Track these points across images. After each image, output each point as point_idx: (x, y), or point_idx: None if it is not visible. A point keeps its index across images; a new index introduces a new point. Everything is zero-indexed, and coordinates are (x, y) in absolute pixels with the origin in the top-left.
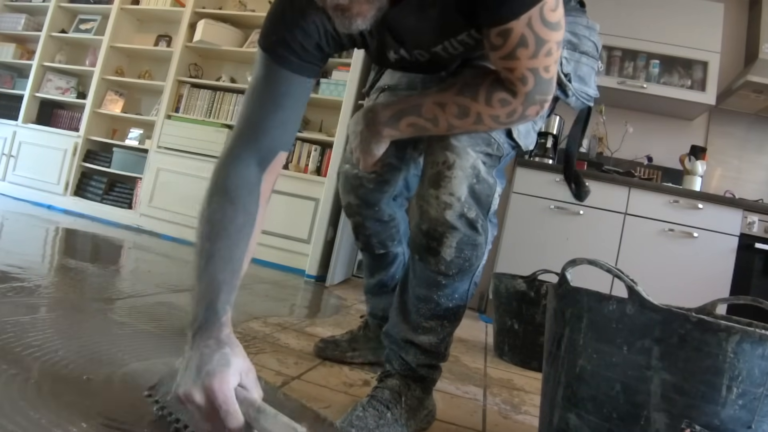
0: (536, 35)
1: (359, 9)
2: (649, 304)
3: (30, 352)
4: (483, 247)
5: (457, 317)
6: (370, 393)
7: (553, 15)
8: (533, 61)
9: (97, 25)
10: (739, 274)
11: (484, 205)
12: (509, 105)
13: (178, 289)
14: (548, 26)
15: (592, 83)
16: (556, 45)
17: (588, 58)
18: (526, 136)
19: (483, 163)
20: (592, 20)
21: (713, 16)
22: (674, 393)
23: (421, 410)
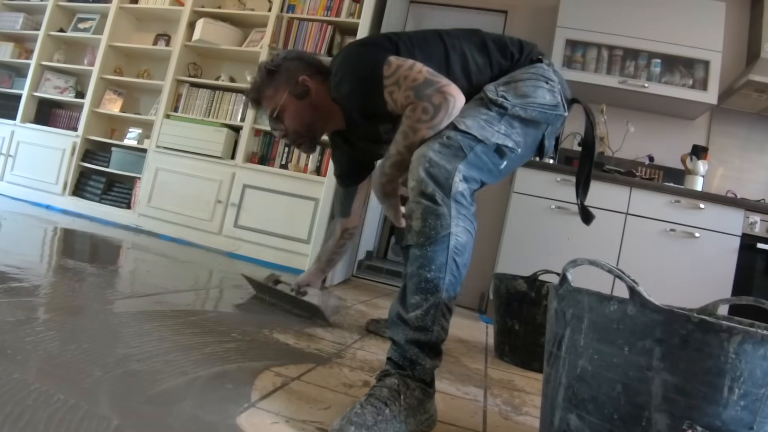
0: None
1: (298, 143)
2: (651, 305)
3: (29, 352)
4: (446, 218)
5: (437, 289)
6: (369, 391)
7: (389, 70)
8: (402, 88)
9: (96, 24)
10: (740, 275)
11: (443, 185)
12: (417, 107)
13: (177, 289)
14: (391, 76)
15: (542, 95)
16: (407, 71)
17: (525, 82)
18: (480, 129)
19: (437, 152)
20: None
21: (715, 15)
22: (676, 394)
23: (421, 412)
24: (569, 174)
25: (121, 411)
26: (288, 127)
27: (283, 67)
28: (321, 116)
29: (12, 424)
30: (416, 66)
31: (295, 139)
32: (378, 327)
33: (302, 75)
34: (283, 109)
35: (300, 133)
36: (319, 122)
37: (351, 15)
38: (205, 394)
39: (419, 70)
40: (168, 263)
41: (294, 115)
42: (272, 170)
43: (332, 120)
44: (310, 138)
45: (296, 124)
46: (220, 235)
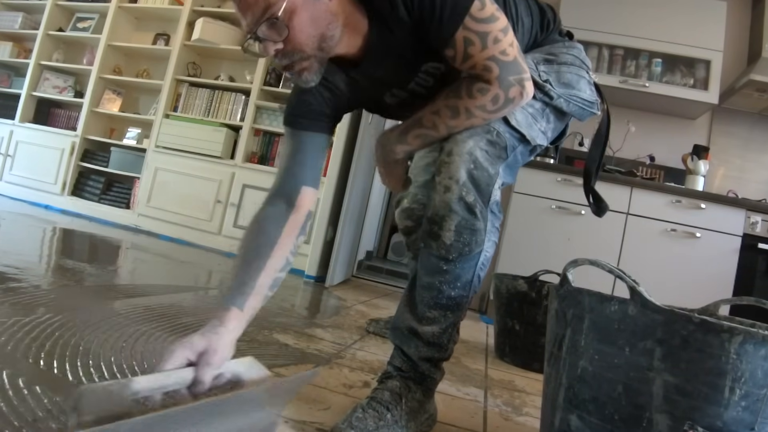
0: (476, 32)
1: (300, 67)
2: (652, 305)
3: (27, 352)
4: (482, 233)
5: (459, 307)
6: (370, 395)
7: (483, 12)
8: (486, 51)
9: (95, 23)
10: (742, 275)
11: (483, 193)
12: (489, 92)
13: (177, 289)
14: (483, 21)
15: (583, 88)
16: (500, 32)
17: (569, 66)
18: (528, 126)
19: (484, 151)
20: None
21: (716, 14)
22: (677, 394)
23: (422, 413)
24: (570, 174)
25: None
26: (294, 38)
27: None
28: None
29: (10, 425)
30: (510, 32)
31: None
32: (378, 328)
33: None
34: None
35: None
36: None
37: None
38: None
39: (511, 41)
40: (167, 263)
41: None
42: (272, 170)
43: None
44: (318, 59)
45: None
46: (219, 235)
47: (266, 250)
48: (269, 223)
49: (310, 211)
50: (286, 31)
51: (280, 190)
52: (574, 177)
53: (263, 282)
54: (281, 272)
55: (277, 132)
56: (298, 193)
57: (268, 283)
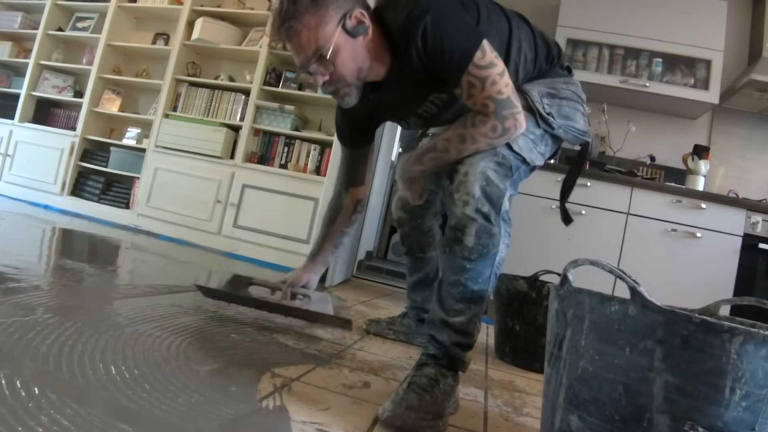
0: (478, 77)
1: (343, 92)
2: (652, 305)
3: (26, 352)
4: (497, 237)
5: (482, 299)
6: (409, 380)
7: (484, 60)
8: (484, 92)
9: (94, 23)
10: (742, 275)
11: (495, 204)
12: (488, 123)
13: (176, 290)
14: (483, 68)
15: (579, 120)
16: (497, 76)
17: (569, 101)
18: (528, 151)
19: (493, 171)
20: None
21: (716, 14)
22: (677, 395)
23: (452, 398)
24: None
25: (120, 412)
26: (338, 72)
27: None
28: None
29: (8, 425)
30: (505, 76)
31: (339, 88)
32: (379, 329)
33: (358, 8)
34: (336, 49)
35: (348, 80)
36: (370, 67)
37: None
38: (206, 397)
39: (506, 83)
40: (167, 263)
41: (349, 58)
42: (271, 170)
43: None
44: (356, 86)
45: (348, 69)
46: (219, 235)
47: (329, 226)
48: (331, 209)
49: (359, 200)
50: (332, 67)
51: (338, 188)
52: None
53: (327, 245)
54: (344, 236)
55: (277, 132)
56: (346, 192)
57: (330, 246)
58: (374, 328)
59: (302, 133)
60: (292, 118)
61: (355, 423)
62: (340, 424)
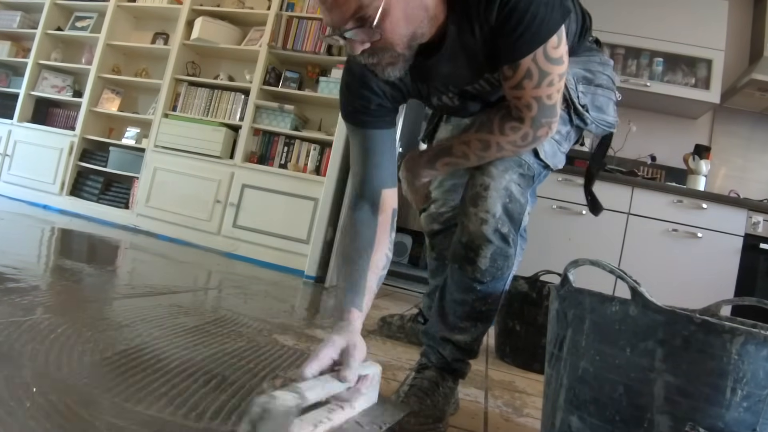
0: (540, 69)
1: (387, 61)
2: (653, 306)
3: (25, 352)
4: (513, 258)
5: (489, 319)
6: (409, 383)
7: (556, 51)
8: (537, 90)
9: (94, 22)
10: (743, 275)
11: (516, 222)
12: (520, 130)
13: (175, 290)
14: (551, 61)
15: (610, 111)
16: (558, 77)
17: (603, 90)
18: (553, 156)
19: (517, 184)
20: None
21: (717, 13)
22: (678, 395)
23: (452, 398)
24: (570, 174)
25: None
26: (385, 39)
27: None
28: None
29: (7, 425)
30: (563, 79)
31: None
32: (391, 332)
33: None
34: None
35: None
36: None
37: None
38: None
39: (560, 87)
40: (166, 263)
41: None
42: (271, 170)
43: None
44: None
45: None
46: (218, 235)
47: (367, 252)
48: (362, 227)
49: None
50: (378, 35)
51: (363, 194)
52: (575, 177)
53: (371, 281)
54: (383, 270)
55: (277, 132)
56: (379, 196)
57: (375, 281)
58: (386, 331)
59: (302, 132)
60: (291, 117)
61: None
62: None
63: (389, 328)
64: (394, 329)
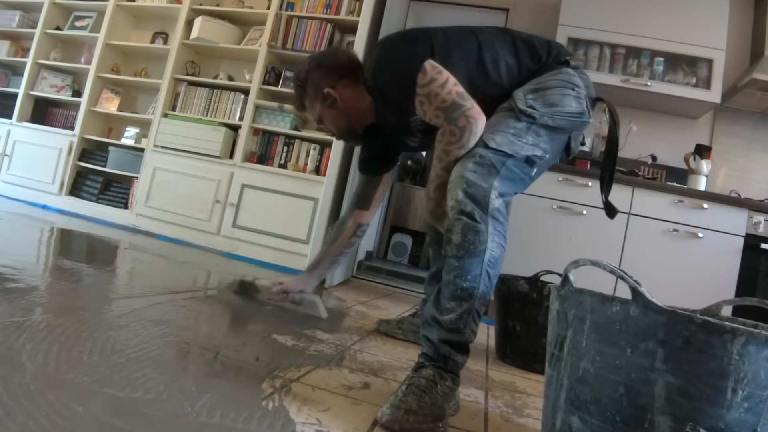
0: (424, 95)
1: (344, 138)
2: (653, 306)
3: (25, 353)
4: (484, 234)
5: (471, 297)
6: (407, 382)
7: (424, 79)
8: (432, 105)
9: (93, 22)
10: (744, 275)
11: (480, 203)
12: (445, 133)
13: (175, 290)
14: (425, 86)
15: (570, 104)
16: (438, 88)
17: (553, 89)
18: (509, 144)
19: (472, 171)
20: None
21: (718, 12)
22: (679, 396)
23: (452, 399)
24: (571, 174)
25: (120, 413)
26: (333, 129)
27: (309, 80)
28: (354, 116)
29: (6, 426)
30: (447, 85)
31: (340, 137)
32: (389, 328)
33: (326, 87)
34: (321, 118)
35: (342, 133)
36: (354, 121)
37: (351, 13)
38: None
39: (449, 90)
40: (165, 264)
41: (331, 122)
42: (271, 170)
43: (367, 114)
44: (351, 135)
45: (336, 128)
46: (218, 235)
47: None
48: (336, 228)
49: (361, 223)
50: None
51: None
52: (576, 177)
53: (324, 261)
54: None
55: (276, 131)
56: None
57: (327, 262)
58: (384, 328)
59: (302, 132)
60: (291, 117)
61: (355, 424)
62: (340, 425)
63: (387, 324)
64: (392, 326)
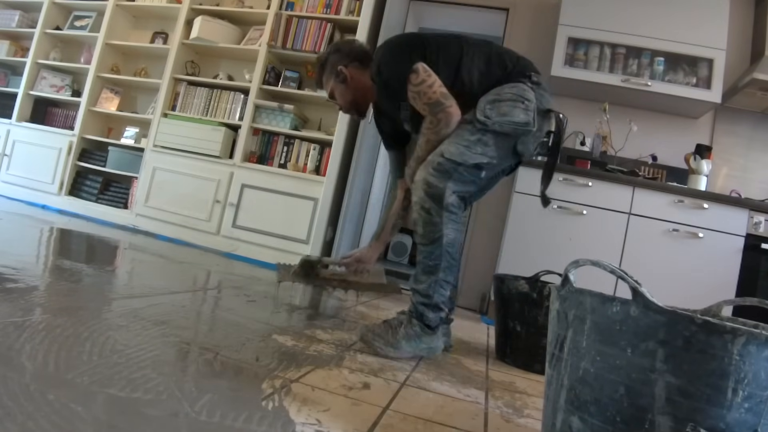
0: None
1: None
2: (654, 306)
3: (24, 353)
4: (439, 225)
5: (434, 272)
6: (385, 319)
7: (417, 80)
8: (421, 100)
9: (92, 21)
10: (745, 275)
11: (437, 200)
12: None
13: (174, 290)
14: (417, 85)
15: (517, 115)
16: (427, 88)
17: (506, 102)
18: (459, 155)
19: (431, 175)
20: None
21: (719, 12)
22: (679, 396)
23: (419, 341)
24: (571, 173)
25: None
26: (339, 103)
27: (329, 60)
28: (360, 94)
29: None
30: (434, 86)
31: (346, 111)
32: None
33: (340, 65)
34: (332, 91)
35: (348, 107)
36: (359, 98)
37: (351, 12)
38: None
39: (434, 90)
40: (165, 264)
41: (340, 95)
42: (271, 170)
43: (369, 95)
44: (356, 110)
45: (342, 101)
46: (218, 235)
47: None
48: (389, 198)
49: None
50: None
51: (392, 181)
52: (576, 177)
53: (387, 227)
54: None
55: (276, 131)
56: (396, 183)
57: (390, 227)
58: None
59: (302, 132)
60: (291, 117)
61: (355, 424)
62: (340, 425)
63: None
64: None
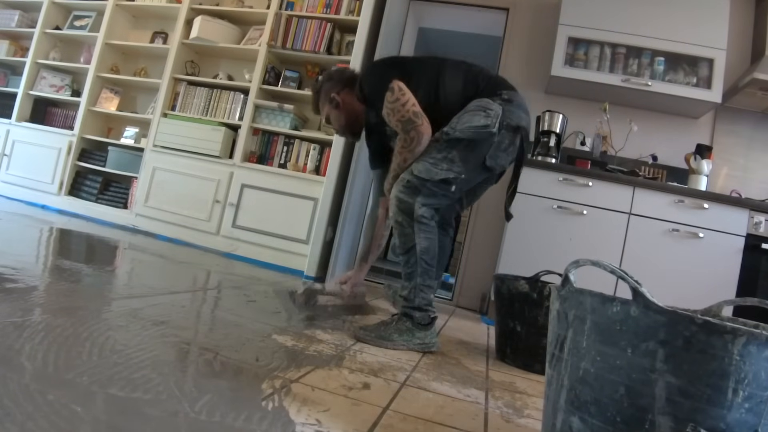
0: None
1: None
2: (654, 306)
3: (24, 353)
4: (411, 236)
5: (412, 278)
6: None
7: (391, 98)
8: (395, 117)
9: (92, 21)
10: (745, 276)
11: (407, 213)
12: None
13: (175, 290)
14: (391, 103)
15: (478, 120)
16: (400, 107)
17: (469, 112)
18: (426, 171)
19: (402, 193)
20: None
21: (719, 12)
22: (679, 396)
23: (411, 336)
24: (571, 173)
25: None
26: (335, 127)
27: (323, 88)
28: (353, 117)
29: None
30: (407, 104)
31: (341, 133)
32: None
33: (333, 92)
34: (327, 116)
35: (342, 130)
36: (352, 121)
37: (351, 12)
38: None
39: (407, 109)
40: (165, 264)
41: (335, 120)
42: (271, 170)
43: (360, 116)
44: (350, 132)
45: (337, 125)
46: (218, 235)
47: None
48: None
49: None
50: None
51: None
52: (576, 177)
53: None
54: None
55: (276, 131)
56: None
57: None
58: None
59: (302, 132)
60: (291, 117)
61: (355, 424)
62: (340, 425)
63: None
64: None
